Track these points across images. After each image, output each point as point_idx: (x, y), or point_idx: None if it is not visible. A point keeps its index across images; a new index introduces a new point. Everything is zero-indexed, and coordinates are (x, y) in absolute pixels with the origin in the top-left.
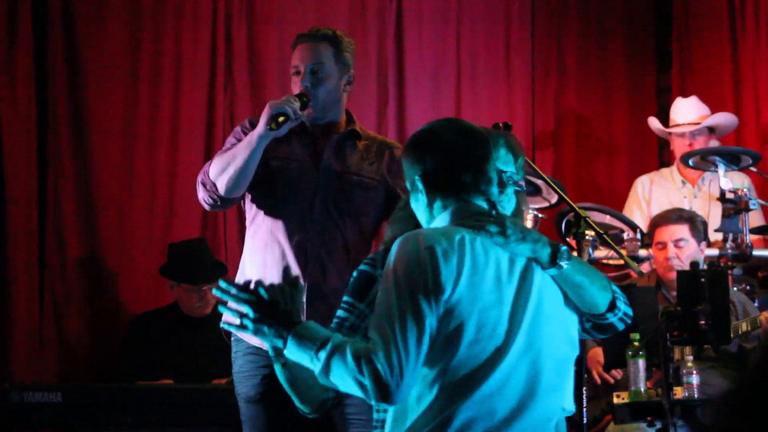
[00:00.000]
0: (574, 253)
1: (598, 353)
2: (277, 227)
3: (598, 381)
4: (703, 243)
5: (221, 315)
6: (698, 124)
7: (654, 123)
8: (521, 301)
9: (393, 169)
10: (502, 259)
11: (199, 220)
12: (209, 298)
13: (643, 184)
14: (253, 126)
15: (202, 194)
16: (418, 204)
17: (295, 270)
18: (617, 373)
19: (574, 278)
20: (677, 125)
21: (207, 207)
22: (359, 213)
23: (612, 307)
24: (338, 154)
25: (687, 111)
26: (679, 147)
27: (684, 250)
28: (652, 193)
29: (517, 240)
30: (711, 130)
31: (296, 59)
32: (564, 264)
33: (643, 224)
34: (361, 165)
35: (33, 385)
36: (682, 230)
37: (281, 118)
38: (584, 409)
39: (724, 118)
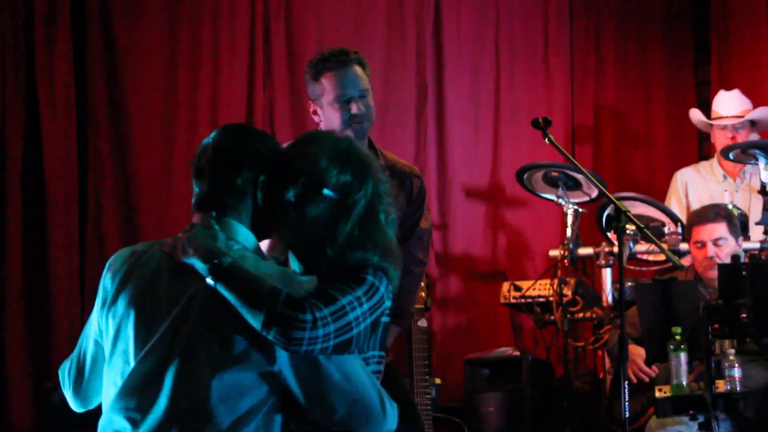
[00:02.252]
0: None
1: (633, 351)
2: None
3: (634, 380)
4: (741, 238)
5: None
6: (741, 117)
7: (696, 115)
8: None
9: (413, 200)
10: None
11: None
12: None
13: (683, 177)
14: None
15: None
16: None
17: None
18: (651, 372)
19: (224, 295)
20: (720, 117)
21: None
22: None
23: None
24: None
25: (730, 104)
26: (720, 140)
27: (723, 249)
28: (692, 186)
29: (182, 255)
30: (753, 124)
31: (341, 87)
32: (209, 281)
33: (683, 217)
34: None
35: None
36: (720, 229)
37: None
38: (626, 403)
39: (766, 112)
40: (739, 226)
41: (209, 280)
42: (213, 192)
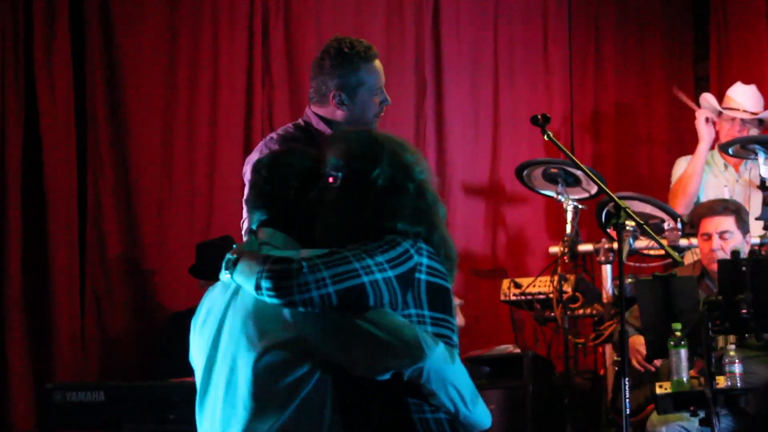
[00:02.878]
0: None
1: (637, 341)
2: None
3: (641, 369)
4: (748, 234)
5: None
6: (756, 114)
7: (710, 100)
8: None
9: None
10: None
11: (240, 219)
12: None
13: (684, 165)
14: (300, 130)
15: None
16: None
17: None
18: (657, 361)
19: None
20: (733, 108)
21: None
22: None
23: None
24: None
25: (748, 98)
26: (726, 131)
27: (729, 242)
28: None
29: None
30: (761, 123)
31: (381, 77)
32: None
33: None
34: None
35: (76, 384)
36: (727, 222)
37: None
38: (626, 400)
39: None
40: (748, 221)
41: (226, 276)
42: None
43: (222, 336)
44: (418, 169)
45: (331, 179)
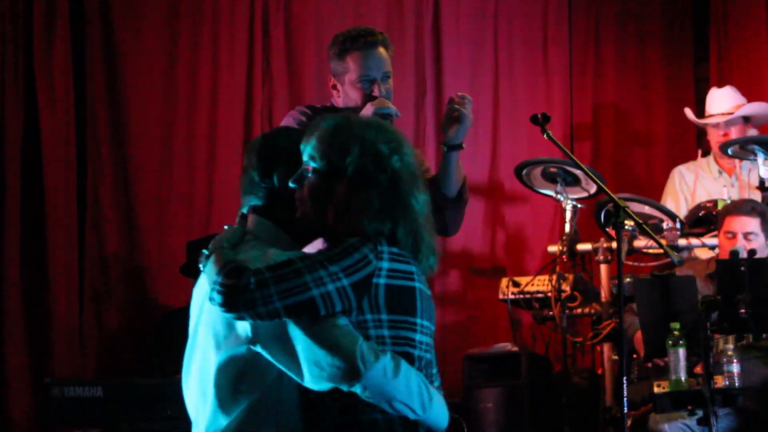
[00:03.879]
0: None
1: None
2: None
3: (648, 364)
4: None
5: None
6: (731, 113)
7: (688, 114)
8: None
9: (423, 162)
10: None
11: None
12: None
13: (680, 174)
14: (315, 111)
15: None
16: None
17: None
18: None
19: None
20: (711, 116)
21: None
22: None
23: None
24: None
25: (720, 101)
26: (714, 137)
27: (753, 244)
28: (690, 183)
29: None
30: (746, 120)
31: (366, 68)
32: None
33: (680, 214)
34: None
35: (74, 380)
36: (753, 223)
37: (390, 119)
38: (625, 399)
39: (759, 108)
40: None
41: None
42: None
43: (198, 328)
44: (394, 158)
45: (307, 167)
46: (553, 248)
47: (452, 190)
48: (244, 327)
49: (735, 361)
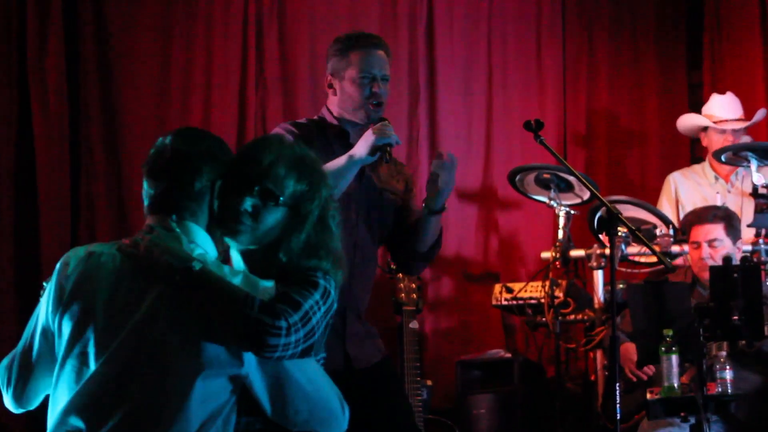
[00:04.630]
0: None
1: (629, 349)
2: None
3: (633, 378)
4: (740, 241)
5: None
6: (742, 120)
7: (692, 119)
8: None
9: (410, 185)
10: None
11: None
12: None
13: (675, 180)
14: (300, 128)
15: None
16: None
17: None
18: (648, 370)
19: (196, 300)
20: (721, 121)
21: None
22: (385, 229)
23: None
24: (373, 168)
25: (729, 107)
26: (718, 143)
27: (718, 250)
28: (684, 190)
29: (148, 258)
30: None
31: (368, 64)
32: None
33: (675, 220)
34: (390, 180)
35: None
36: (716, 230)
37: (389, 149)
38: (617, 405)
39: (762, 115)
40: (739, 228)
41: (180, 284)
42: (172, 194)
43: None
44: (333, 205)
45: (271, 198)
46: (546, 254)
47: (424, 247)
48: (237, 355)
49: (728, 367)
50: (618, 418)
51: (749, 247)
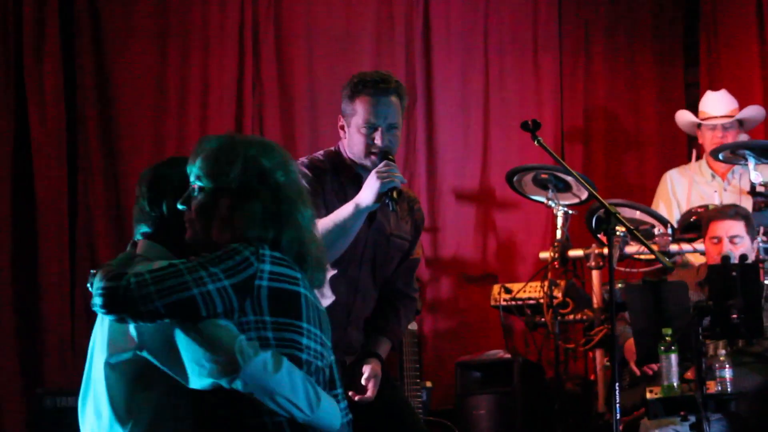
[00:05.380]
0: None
1: (634, 344)
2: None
3: (638, 372)
4: (756, 240)
5: None
6: (731, 117)
7: (684, 116)
8: None
9: (418, 226)
10: None
11: None
12: None
13: (672, 178)
14: (314, 170)
15: None
16: None
17: (338, 328)
18: (655, 365)
19: None
20: (709, 117)
21: None
22: (388, 273)
23: None
24: (382, 212)
25: (719, 104)
26: (709, 140)
27: (739, 247)
28: (681, 188)
29: None
30: (740, 124)
31: (372, 115)
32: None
33: (671, 219)
34: (400, 224)
35: (66, 390)
36: (738, 227)
37: (395, 193)
38: (617, 405)
39: (754, 111)
40: (756, 228)
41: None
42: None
43: (95, 341)
44: (278, 173)
45: (194, 186)
46: (544, 254)
47: None
48: (131, 329)
49: (727, 366)
50: (618, 417)
51: None
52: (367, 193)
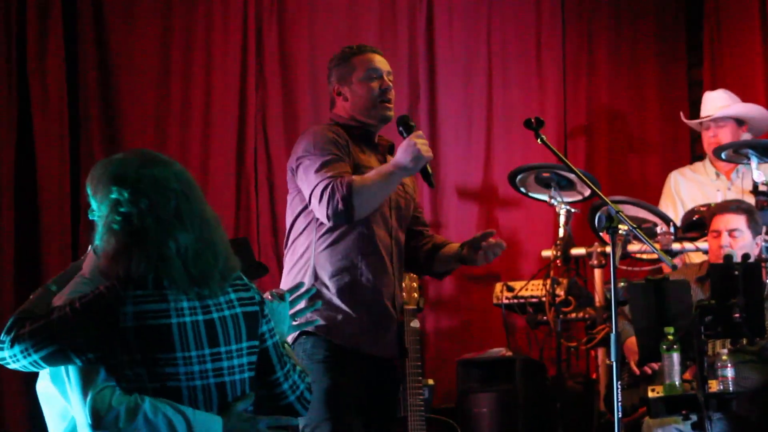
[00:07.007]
0: None
1: (635, 342)
2: (363, 244)
3: (637, 371)
4: (759, 237)
5: None
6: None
7: (682, 117)
8: None
9: (415, 188)
10: None
11: (232, 220)
12: None
13: (676, 178)
14: (340, 137)
15: (332, 211)
16: None
17: (389, 296)
18: (655, 364)
19: None
20: (703, 117)
21: (331, 222)
22: (409, 215)
23: None
24: None
25: (712, 103)
26: (705, 139)
27: (738, 241)
28: (685, 187)
29: None
30: (740, 123)
31: (374, 63)
32: None
33: (677, 219)
34: (407, 180)
35: None
36: (738, 220)
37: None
38: (618, 404)
39: (746, 109)
40: (761, 225)
41: None
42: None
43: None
44: (132, 202)
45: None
46: (547, 253)
47: (439, 271)
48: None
49: (729, 365)
50: (619, 416)
51: None
52: (412, 158)
